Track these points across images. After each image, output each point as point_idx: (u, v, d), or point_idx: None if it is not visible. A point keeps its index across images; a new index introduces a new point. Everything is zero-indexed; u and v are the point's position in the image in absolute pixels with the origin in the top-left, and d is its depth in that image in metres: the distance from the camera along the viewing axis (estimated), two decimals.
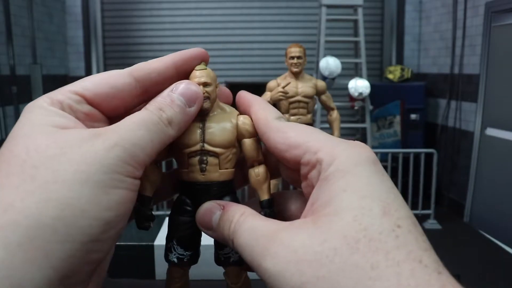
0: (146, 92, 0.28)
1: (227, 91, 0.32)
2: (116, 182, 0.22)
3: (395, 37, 4.29)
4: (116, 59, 4.39)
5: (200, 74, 0.30)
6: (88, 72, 4.28)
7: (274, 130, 0.27)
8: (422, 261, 0.20)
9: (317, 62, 3.29)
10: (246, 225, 0.25)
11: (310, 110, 1.06)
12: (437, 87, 3.92)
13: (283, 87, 0.96)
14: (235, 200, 0.31)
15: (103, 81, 0.26)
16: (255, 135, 0.30)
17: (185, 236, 0.31)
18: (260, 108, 0.29)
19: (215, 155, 0.30)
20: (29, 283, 0.19)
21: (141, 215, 0.29)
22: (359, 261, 0.20)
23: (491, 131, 3.16)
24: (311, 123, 1.04)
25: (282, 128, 0.26)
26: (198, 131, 0.30)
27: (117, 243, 0.26)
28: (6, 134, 3.05)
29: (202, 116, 0.30)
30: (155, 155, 0.25)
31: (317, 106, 2.42)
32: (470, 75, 3.39)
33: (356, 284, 0.19)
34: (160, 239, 1.34)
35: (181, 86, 0.27)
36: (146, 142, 0.24)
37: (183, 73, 0.29)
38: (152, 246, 1.35)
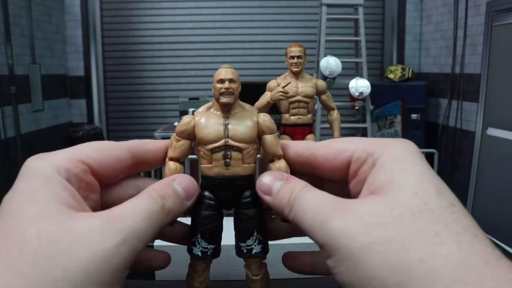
0: (136, 167, 0.31)
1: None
2: (116, 280, 0.23)
3: (396, 36, 4.28)
4: (115, 58, 4.37)
5: (225, 72, 0.32)
6: (87, 72, 4.27)
7: (319, 147, 0.30)
8: (478, 236, 0.22)
9: (318, 62, 3.28)
10: (310, 193, 0.26)
11: (310, 110, 1.04)
12: (438, 87, 3.90)
13: (283, 87, 0.94)
14: (256, 195, 0.32)
15: (107, 152, 0.29)
16: (275, 131, 0.33)
17: (209, 230, 0.32)
18: (297, 142, 0.32)
19: (239, 150, 0.32)
20: None
21: None
22: (424, 228, 0.22)
23: (492, 131, 3.14)
24: (311, 123, 1.03)
25: (325, 144, 0.30)
26: (222, 127, 0.32)
27: None
28: (5, 135, 3.04)
29: (224, 112, 0.32)
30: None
31: (317, 106, 2.40)
32: (471, 75, 3.38)
33: (422, 246, 0.21)
34: (159, 240, 1.34)
35: (185, 181, 0.29)
36: (148, 234, 0.25)
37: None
38: (152, 246, 1.34)
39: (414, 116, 3.78)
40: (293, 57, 1.01)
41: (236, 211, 0.33)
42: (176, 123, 3.59)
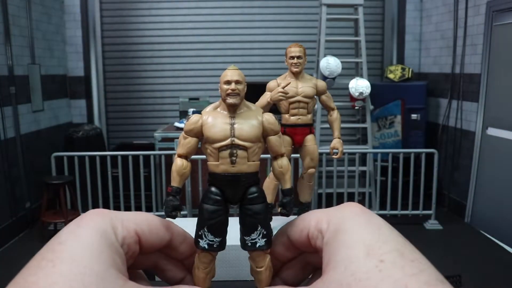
0: (165, 249, 0.33)
1: None
2: None
3: (395, 36, 4.28)
4: (115, 59, 4.37)
5: (232, 73, 0.35)
6: (87, 72, 4.27)
7: (288, 230, 0.33)
8: (408, 286, 0.23)
9: (318, 62, 3.28)
10: None
11: (310, 110, 1.04)
12: (438, 87, 3.90)
13: (283, 87, 0.94)
14: (260, 190, 0.35)
15: (155, 231, 0.31)
16: (279, 131, 0.36)
17: (215, 224, 0.34)
18: (275, 245, 0.35)
19: (244, 148, 0.34)
20: None
21: (169, 205, 0.34)
22: None
23: (492, 131, 3.14)
24: (311, 123, 1.03)
25: (291, 223, 0.33)
26: (229, 127, 0.34)
27: None
28: (5, 135, 3.04)
29: (231, 112, 0.35)
30: None
31: (317, 106, 2.40)
32: (471, 75, 3.38)
33: None
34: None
35: None
36: None
37: None
38: None
39: (414, 116, 3.78)
40: (293, 57, 1.00)
41: (241, 206, 0.35)
42: (176, 123, 3.59)
